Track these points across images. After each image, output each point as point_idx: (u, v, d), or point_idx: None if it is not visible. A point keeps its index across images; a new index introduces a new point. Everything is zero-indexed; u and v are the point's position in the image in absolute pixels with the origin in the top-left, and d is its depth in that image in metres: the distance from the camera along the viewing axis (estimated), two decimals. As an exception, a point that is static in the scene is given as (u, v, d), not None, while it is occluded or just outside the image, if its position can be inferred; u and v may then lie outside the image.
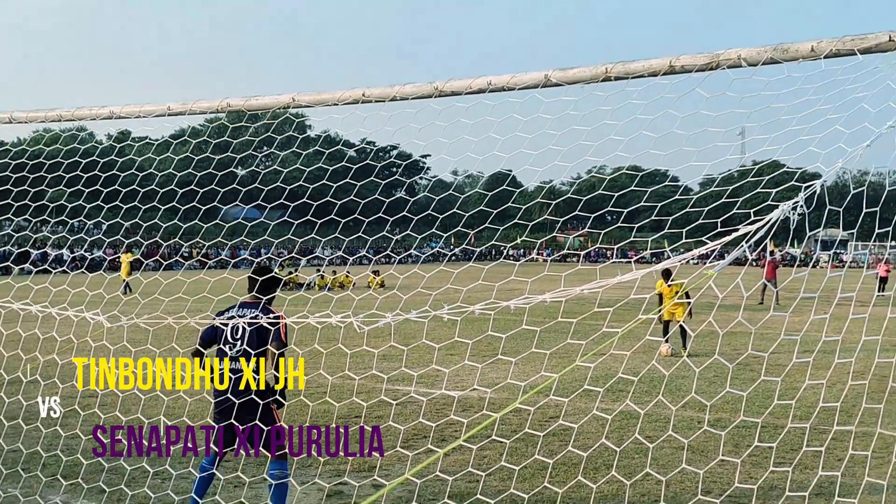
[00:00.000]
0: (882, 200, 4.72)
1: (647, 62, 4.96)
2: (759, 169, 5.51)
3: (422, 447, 8.57)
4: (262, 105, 6.52)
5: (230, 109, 6.67)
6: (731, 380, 6.77)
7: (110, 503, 7.26)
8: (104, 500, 7.29)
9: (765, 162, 5.69)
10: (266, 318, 6.79)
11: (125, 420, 7.42)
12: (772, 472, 6.89)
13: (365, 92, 5.93)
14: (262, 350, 6.75)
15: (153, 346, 6.70)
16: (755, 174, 5.44)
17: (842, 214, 4.78)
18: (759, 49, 4.64)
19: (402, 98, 5.83)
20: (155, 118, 7.00)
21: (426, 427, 8.48)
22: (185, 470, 7.78)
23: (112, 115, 7.10)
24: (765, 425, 7.37)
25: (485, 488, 7.06)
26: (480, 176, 43.12)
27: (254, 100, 6.50)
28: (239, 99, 6.56)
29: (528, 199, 8.87)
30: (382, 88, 5.89)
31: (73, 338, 7.40)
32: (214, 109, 6.82)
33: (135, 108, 7.03)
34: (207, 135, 8.63)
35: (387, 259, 36.69)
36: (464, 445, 7.51)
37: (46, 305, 7.16)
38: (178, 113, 6.89)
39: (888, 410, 5.45)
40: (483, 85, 5.49)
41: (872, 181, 5.13)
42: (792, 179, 4.69)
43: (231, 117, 7.70)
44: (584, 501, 6.76)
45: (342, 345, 6.56)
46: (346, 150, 13.67)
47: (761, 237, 4.39)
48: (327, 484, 7.72)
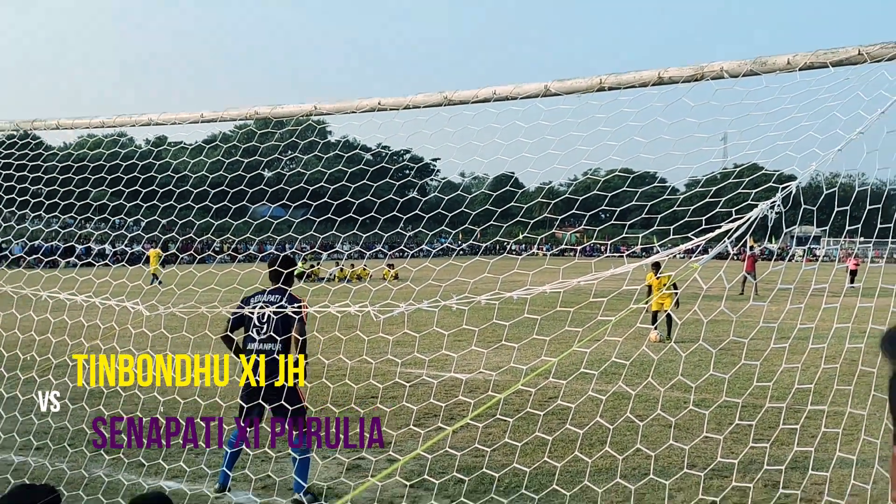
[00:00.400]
0: (852, 200, 4.74)
1: (637, 74, 4.98)
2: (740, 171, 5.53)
3: (432, 425, 8.61)
4: (287, 113, 6.55)
5: (258, 117, 6.70)
6: (714, 363, 6.77)
7: (148, 476, 7.33)
8: (143, 473, 7.35)
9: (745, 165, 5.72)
10: (291, 306, 6.84)
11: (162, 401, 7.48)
12: (751, 448, 6.91)
13: (380, 101, 5.95)
14: (287, 336, 6.80)
15: (188, 333, 6.74)
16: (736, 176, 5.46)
17: (815, 213, 4.80)
18: (739, 62, 4.66)
19: (414, 106, 5.85)
20: (189, 125, 7.04)
21: (436, 407, 8.51)
22: (215, 446, 7.87)
23: (150, 123, 7.14)
24: (745, 405, 7.39)
25: (490, 462, 7.09)
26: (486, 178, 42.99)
27: (279, 108, 6.53)
28: (266, 107, 6.60)
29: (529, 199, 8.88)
30: (396, 98, 5.91)
31: (115, 325, 7.48)
32: (243, 117, 6.86)
33: (171, 115, 7.07)
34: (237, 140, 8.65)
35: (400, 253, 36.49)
36: (470, 423, 7.55)
37: (90, 295, 7.22)
38: (210, 120, 6.92)
39: (857, 391, 5.46)
40: (488, 94, 5.51)
41: (843, 183, 5.13)
42: (770, 181, 4.70)
43: (258, 124, 7.72)
44: (580, 475, 6.79)
45: (360, 332, 6.59)
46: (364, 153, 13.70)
47: (742, 233, 4.41)
48: (346, 458, 7.78)
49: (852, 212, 4.73)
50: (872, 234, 4.74)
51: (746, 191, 4.83)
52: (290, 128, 7.69)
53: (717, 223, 4.53)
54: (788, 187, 4.41)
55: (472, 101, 5.61)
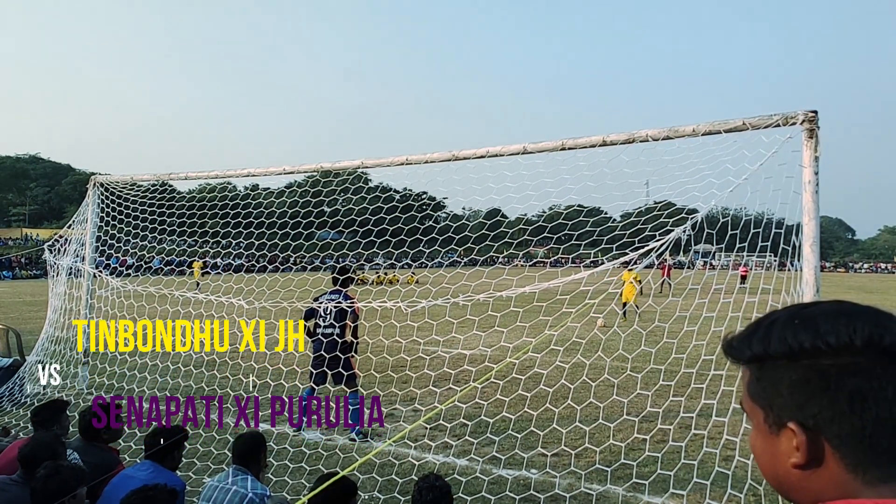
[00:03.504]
0: (740, 226, 4.73)
1: (588, 138, 5.00)
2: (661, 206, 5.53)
3: (445, 386, 8.60)
4: (342, 167, 6.61)
5: (322, 169, 6.77)
6: (644, 341, 6.75)
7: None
8: (243, 419, 7.33)
9: (663, 202, 5.71)
10: (345, 302, 6.88)
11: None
12: (670, 401, 6.86)
13: (408, 157, 6.00)
14: (344, 323, 6.83)
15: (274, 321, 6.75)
16: (657, 210, 5.46)
17: (714, 235, 4.79)
18: (659, 130, 4.68)
19: (431, 161, 5.89)
20: (275, 175, 7.10)
21: (448, 373, 8.49)
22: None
23: (249, 174, 7.22)
24: (666, 371, 7.34)
25: (486, 412, 7.07)
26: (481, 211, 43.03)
27: (337, 163, 6.59)
28: (328, 162, 6.66)
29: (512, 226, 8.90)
30: (419, 155, 5.96)
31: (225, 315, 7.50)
32: (313, 169, 6.92)
33: (262, 169, 7.14)
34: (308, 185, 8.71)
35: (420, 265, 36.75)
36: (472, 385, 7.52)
37: (208, 294, 7.27)
38: (290, 172, 6.99)
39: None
40: (483, 153, 5.55)
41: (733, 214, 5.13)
42: (681, 213, 4.70)
43: (322, 174, 7.79)
44: (549, 420, 6.76)
45: (393, 320, 6.61)
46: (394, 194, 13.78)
47: (662, 250, 4.41)
48: (385, 409, 7.75)
49: (741, 235, 4.71)
50: (755, 249, 4.73)
51: (665, 220, 4.84)
52: (344, 177, 7.73)
53: (645, 243, 4.54)
54: (695, 217, 4.42)
55: (472, 157, 5.65)
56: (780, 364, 0.79)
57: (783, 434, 0.79)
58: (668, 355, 6.86)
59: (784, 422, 0.79)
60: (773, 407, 0.80)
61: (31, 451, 3.38)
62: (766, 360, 0.81)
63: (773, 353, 0.80)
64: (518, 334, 11.00)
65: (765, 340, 0.81)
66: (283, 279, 7.95)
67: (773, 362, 0.80)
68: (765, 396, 0.81)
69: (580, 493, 5.20)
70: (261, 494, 3.47)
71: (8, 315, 17.90)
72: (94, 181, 8.87)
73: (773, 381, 0.80)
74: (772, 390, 0.80)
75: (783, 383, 0.79)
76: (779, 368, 0.79)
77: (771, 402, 0.81)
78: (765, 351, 0.81)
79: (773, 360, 0.80)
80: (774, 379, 0.80)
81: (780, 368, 0.79)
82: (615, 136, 4.85)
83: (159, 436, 3.75)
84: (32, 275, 44.37)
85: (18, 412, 7.35)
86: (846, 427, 0.74)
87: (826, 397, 0.75)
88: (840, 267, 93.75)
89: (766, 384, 0.81)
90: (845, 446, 0.75)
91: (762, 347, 0.81)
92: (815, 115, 4.07)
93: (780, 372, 0.79)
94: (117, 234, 8.63)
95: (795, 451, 0.77)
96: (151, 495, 2.78)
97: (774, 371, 0.80)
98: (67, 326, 8.70)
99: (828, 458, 0.76)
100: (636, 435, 6.36)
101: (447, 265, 8.56)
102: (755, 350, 0.82)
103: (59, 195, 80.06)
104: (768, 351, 0.80)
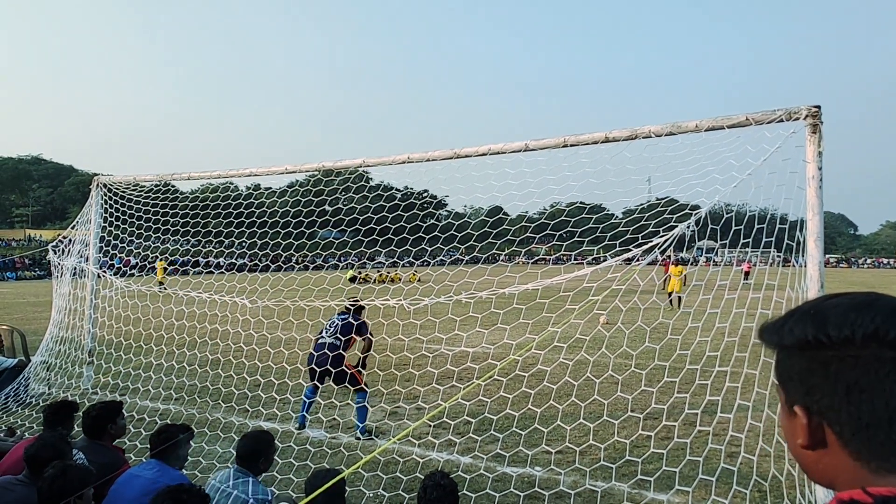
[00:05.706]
0: (744, 222, 4.71)
1: (591, 135, 4.99)
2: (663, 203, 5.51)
3: (448, 384, 8.59)
4: (344, 165, 6.60)
5: (324, 168, 6.76)
6: (648, 338, 6.74)
7: (252, 419, 7.34)
8: (248, 417, 7.36)
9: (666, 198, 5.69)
10: (356, 323, 6.95)
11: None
12: (675, 398, 6.85)
13: (409, 156, 5.99)
14: (349, 337, 6.85)
15: (278, 319, 6.75)
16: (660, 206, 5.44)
17: (718, 231, 4.77)
18: (662, 126, 4.66)
19: (432, 160, 5.89)
20: (276, 175, 7.09)
21: (451, 371, 8.49)
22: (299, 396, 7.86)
23: (251, 174, 7.22)
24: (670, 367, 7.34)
25: (489, 409, 7.07)
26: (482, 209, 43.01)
27: (339, 162, 6.58)
28: (329, 161, 6.65)
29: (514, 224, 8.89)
30: (420, 153, 5.95)
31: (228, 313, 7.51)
32: (314, 169, 6.91)
33: (264, 168, 7.14)
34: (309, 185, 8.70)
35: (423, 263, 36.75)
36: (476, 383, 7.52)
37: (211, 293, 7.28)
38: (292, 171, 6.98)
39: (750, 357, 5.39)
40: (485, 150, 5.54)
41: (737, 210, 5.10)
42: (684, 210, 4.68)
43: (324, 173, 7.78)
44: (553, 418, 6.75)
45: (396, 318, 6.60)
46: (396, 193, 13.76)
47: (665, 246, 4.40)
48: (388, 406, 7.76)
49: (745, 231, 4.70)
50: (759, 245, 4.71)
51: (668, 216, 4.81)
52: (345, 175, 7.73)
53: (648, 239, 4.52)
54: (699, 213, 4.40)
55: (473, 155, 5.64)
56: (793, 352, 0.86)
57: (795, 416, 0.85)
58: (672, 352, 6.85)
59: (794, 404, 0.85)
60: (788, 390, 0.88)
61: (37, 451, 3.39)
62: (783, 348, 0.88)
63: (786, 342, 0.86)
64: (521, 331, 11.01)
65: (781, 330, 0.87)
66: (286, 278, 7.95)
67: (788, 350, 0.87)
68: (783, 380, 0.89)
69: (585, 490, 5.19)
70: (262, 500, 3.46)
71: (12, 315, 17.96)
72: (97, 182, 8.88)
73: (787, 367, 0.87)
74: (786, 375, 0.87)
75: (794, 370, 0.85)
76: (792, 356, 0.86)
77: (787, 386, 0.88)
78: (780, 340, 0.87)
79: (787, 348, 0.87)
80: (788, 365, 0.87)
81: (793, 356, 0.86)
82: (618, 133, 4.83)
83: (164, 434, 3.75)
84: (36, 275, 44.49)
85: (24, 412, 7.37)
86: (845, 417, 0.79)
87: (826, 387, 0.80)
88: (843, 262, 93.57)
89: (784, 369, 0.88)
90: (846, 435, 0.79)
91: (778, 337, 0.88)
92: (819, 110, 4.06)
93: (793, 359, 0.86)
94: (121, 234, 8.65)
95: (801, 432, 0.83)
96: (185, 499, 2.72)
97: (789, 358, 0.87)
98: (72, 327, 8.73)
99: (832, 443, 0.81)
100: (641, 432, 6.34)
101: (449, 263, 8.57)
102: (775, 339, 0.89)
103: (61, 196, 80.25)
104: (783, 340, 0.87)
